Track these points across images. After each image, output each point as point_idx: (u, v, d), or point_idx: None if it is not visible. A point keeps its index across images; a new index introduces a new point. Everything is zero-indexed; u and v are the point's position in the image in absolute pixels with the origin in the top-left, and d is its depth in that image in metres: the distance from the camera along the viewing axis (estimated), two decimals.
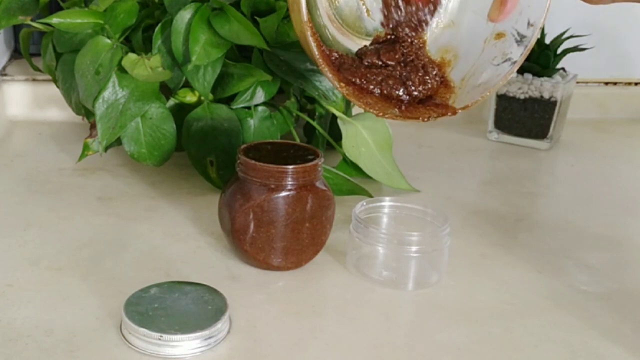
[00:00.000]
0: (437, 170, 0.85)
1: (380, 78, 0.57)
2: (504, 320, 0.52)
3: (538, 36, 0.57)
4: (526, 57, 0.57)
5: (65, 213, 0.67)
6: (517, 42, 0.57)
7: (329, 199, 0.57)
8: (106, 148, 0.68)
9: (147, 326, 0.45)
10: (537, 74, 0.94)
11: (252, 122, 0.71)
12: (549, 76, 0.95)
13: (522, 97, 0.95)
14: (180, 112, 0.71)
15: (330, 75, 0.54)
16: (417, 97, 0.58)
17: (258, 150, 0.58)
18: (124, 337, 0.47)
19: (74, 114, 0.78)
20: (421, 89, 0.57)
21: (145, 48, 0.71)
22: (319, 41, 0.54)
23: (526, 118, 0.95)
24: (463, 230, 0.67)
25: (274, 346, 0.48)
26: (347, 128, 0.73)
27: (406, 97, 0.57)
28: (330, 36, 0.61)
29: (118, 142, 0.70)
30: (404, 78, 0.57)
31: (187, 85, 0.71)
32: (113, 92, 0.67)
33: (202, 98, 0.71)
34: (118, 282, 0.54)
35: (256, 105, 0.71)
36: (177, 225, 0.65)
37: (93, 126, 0.72)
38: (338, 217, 0.62)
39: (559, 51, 0.95)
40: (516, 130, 0.97)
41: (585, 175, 0.87)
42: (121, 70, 0.67)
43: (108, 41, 0.69)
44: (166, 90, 0.71)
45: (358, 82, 0.57)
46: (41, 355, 0.45)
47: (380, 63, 0.58)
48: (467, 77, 0.59)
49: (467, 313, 0.53)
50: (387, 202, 0.62)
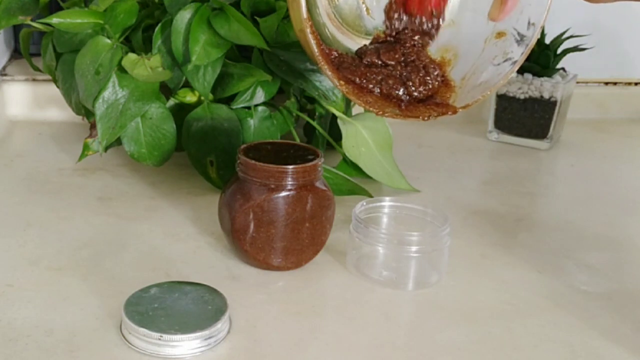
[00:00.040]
0: (437, 170, 0.85)
1: (380, 77, 0.57)
2: (504, 320, 0.52)
3: (538, 36, 0.57)
4: (526, 57, 0.57)
5: (65, 213, 0.67)
6: (518, 42, 0.57)
7: (329, 199, 0.57)
8: (106, 148, 0.68)
9: (147, 326, 0.45)
10: (537, 74, 0.94)
11: (252, 122, 0.71)
12: (549, 76, 0.95)
13: (522, 97, 0.95)
14: (180, 112, 0.71)
15: (329, 73, 0.54)
16: (417, 98, 0.58)
17: (258, 150, 0.58)
18: (124, 337, 0.47)
19: (74, 114, 0.78)
20: (422, 90, 0.57)
21: (145, 48, 0.71)
22: (319, 40, 0.54)
23: (526, 118, 0.95)
24: (463, 230, 0.67)
25: (274, 346, 0.48)
26: (347, 128, 0.73)
27: (406, 97, 0.57)
28: (329, 35, 0.61)
29: (118, 142, 0.70)
30: (405, 78, 0.57)
31: (187, 85, 0.71)
32: (113, 92, 0.67)
33: (202, 98, 0.71)
34: (118, 282, 0.54)
35: (256, 105, 0.71)
36: (177, 225, 0.65)
37: (93, 126, 0.72)
38: (338, 217, 0.62)
39: (559, 51, 0.95)
40: (516, 130, 0.97)
41: (585, 175, 0.87)
42: (121, 70, 0.67)
43: (108, 41, 0.69)
44: (166, 90, 0.71)
45: (358, 81, 0.57)
46: (41, 355, 0.45)
47: (380, 62, 0.58)
48: (468, 77, 0.59)
49: (467, 313, 0.53)
50: (387, 202, 0.62)
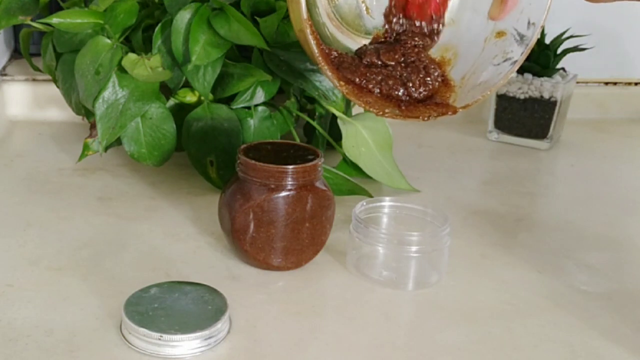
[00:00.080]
0: (437, 170, 0.85)
1: (380, 78, 0.57)
2: (504, 320, 0.52)
3: (538, 36, 0.57)
4: (526, 57, 0.57)
5: (65, 213, 0.67)
6: (518, 42, 0.57)
7: (329, 199, 0.57)
8: (106, 148, 0.68)
9: (147, 326, 0.45)
10: (537, 74, 0.94)
11: (252, 122, 0.71)
12: (549, 76, 0.95)
13: (522, 97, 0.95)
14: (180, 112, 0.71)
15: (329, 73, 0.54)
16: (417, 99, 0.58)
17: (258, 150, 0.58)
18: (124, 337, 0.47)
19: (74, 114, 0.78)
20: (422, 90, 0.57)
21: (145, 48, 0.71)
22: (319, 39, 0.54)
23: (526, 118, 0.95)
24: (463, 230, 0.67)
25: (274, 346, 0.48)
26: (347, 128, 0.73)
27: (406, 98, 0.57)
28: (329, 34, 0.61)
29: (118, 142, 0.70)
30: (405, 79, 0.57)
31: (187, 85, 0.71)
32: (113, 92, 0.67)
33: (202, 98, 0.71)
34: (118, 282, 0.54)
35: (256, 105, 0.71)
36: (177, 225, 0.65)
37: (93, 126, 0.72)
38: (338, 217, 0.62)
39: (559, 51, 0.95)
40: (516, 130, 0.97)
41: (585, 175, 0.87)
42: (121, 70, 0.67)
43: (108, 41, 0.69)
44: (166, 90, 0.71)
45: (357, 81, 0.57)
46: (41, 355, 0.45)
47: (379, 63, 0.58)
48: (468, 76, 0.59)
49: (467, 313, 0.53)
50: (387, 202, 0.62)
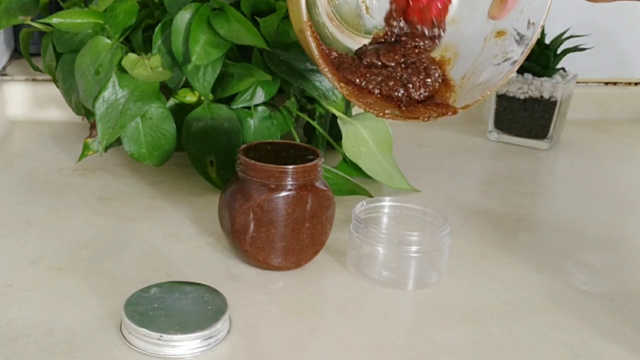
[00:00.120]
0: (437, 170, 0.85)
1: (380, 78, 0.57)
2: (504, 320, 0.52)
3: (538, 36, 0.57)
4: (526, 57, 0.57)
5: (65, 213, 0.67)
6: (518, 42, 0.57)
7: (329, 199, 0.57)
8: (106, 148, 0.68)
9: (147, 326, 0.45)
10: (537, 74, 0.94)
11: (252, 122, 0.71)
12: (549, 76, 0.95)
13: (522, 97, 0.95)
14: (180, 112, 0.71)
15: (329, 75, 0.54)
16: (417, 100, 0.58)
17: (258, 150, 0.58)
18: (124, 337, 0.47)
19: (74, 114, 0.78)
20: (422, 92, 0.57)
21: (145, 48, 0.71)
22: (318, 40, 0.54)
23: (526, 118, 0.95)
24: (463, 230, 0.67)
25: (274, 346, 0.48)
26: (347, 128, 0.73)
27: (406, 99, 0.57)
28: (329, 34, 0.60)
29: (118, 142, 0.70)
30: (405, 80, 0.57)
31: (187, 85, 0.71)
32: (113, 92, 0.67)
33: (202, 98, 0.71)
34: (118, 282, 0.54)
35: (256, 105, 0.71)
36: (177, 225, 0.65)
37: (93, 126, 0.72)
38: (338, 217, 0.62)
39: (559, 51, 0.95)
40: (516, 130, 0.97)
41: (585, 175, 0.87)
42: (121, 70, 0.67)
43: (108, 41, 0.69)
44: (166, 90, 0.71)
45: (357, 82, 0.57)
46: (41, 355, 0.45)
47: (379, 63, 0.58)
48: (468, 76, 0.59)
49: (467, 313, 0.53)
50: (387, 202, 0.62)
